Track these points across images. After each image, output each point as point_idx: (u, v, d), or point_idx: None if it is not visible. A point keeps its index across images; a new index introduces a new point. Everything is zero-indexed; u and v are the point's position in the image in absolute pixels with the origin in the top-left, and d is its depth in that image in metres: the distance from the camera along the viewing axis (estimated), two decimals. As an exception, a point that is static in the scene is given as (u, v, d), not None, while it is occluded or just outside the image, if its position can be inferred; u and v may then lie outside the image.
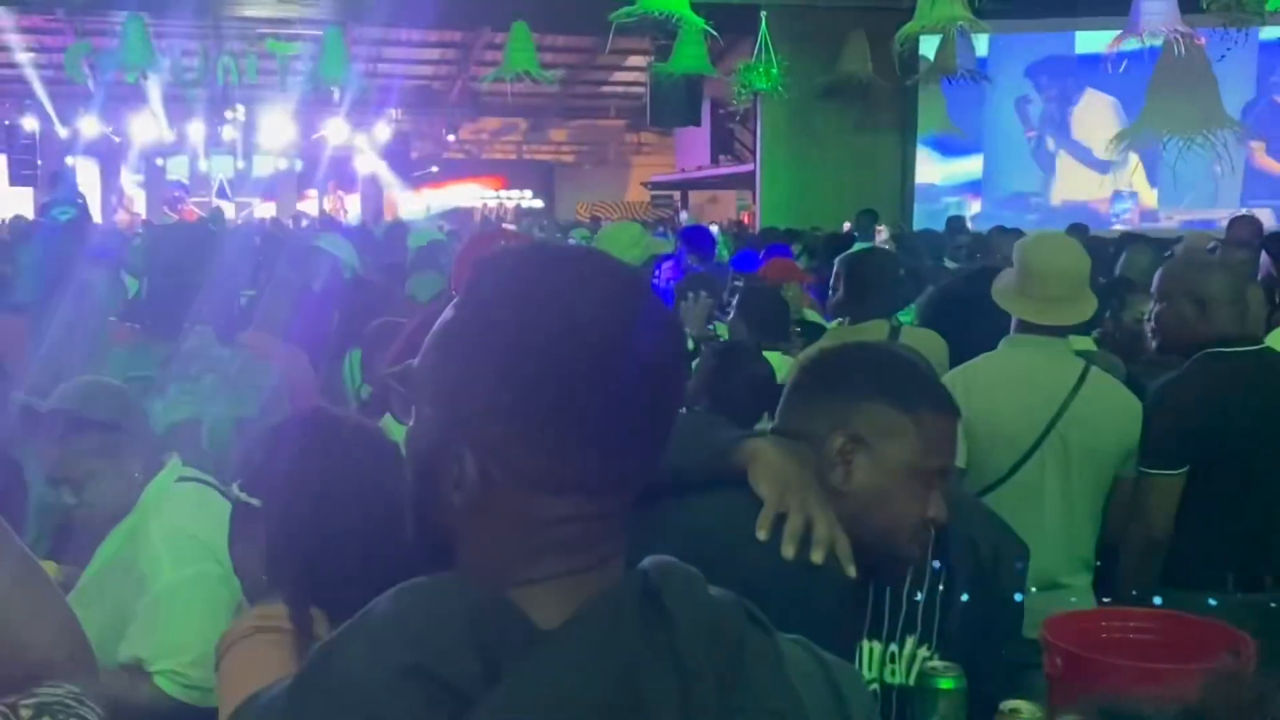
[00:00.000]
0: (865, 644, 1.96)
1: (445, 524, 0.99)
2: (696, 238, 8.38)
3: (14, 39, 17.80)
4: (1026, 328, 3.25)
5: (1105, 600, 3.02)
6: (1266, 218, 10.49)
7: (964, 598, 1.93)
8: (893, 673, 1.91)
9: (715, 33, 9.46)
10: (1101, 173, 13.83)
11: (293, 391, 3.83)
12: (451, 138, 23.35)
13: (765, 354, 4.03)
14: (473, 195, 24.90)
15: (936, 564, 1.95)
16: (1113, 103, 13.14)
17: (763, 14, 10.84)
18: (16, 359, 3.51)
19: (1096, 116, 13.38)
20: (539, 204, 25.65)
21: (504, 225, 16.28)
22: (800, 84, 11.89)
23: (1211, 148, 9.96)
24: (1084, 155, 13.86)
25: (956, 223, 11.03)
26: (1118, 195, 13.98)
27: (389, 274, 7.17)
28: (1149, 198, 13.90)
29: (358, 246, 8.79)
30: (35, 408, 2.50)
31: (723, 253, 9.95)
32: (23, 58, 18.76)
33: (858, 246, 6.66)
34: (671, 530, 1.53)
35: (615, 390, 0.93)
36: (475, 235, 2.63)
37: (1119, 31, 8.89)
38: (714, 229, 12.46)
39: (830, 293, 4.52)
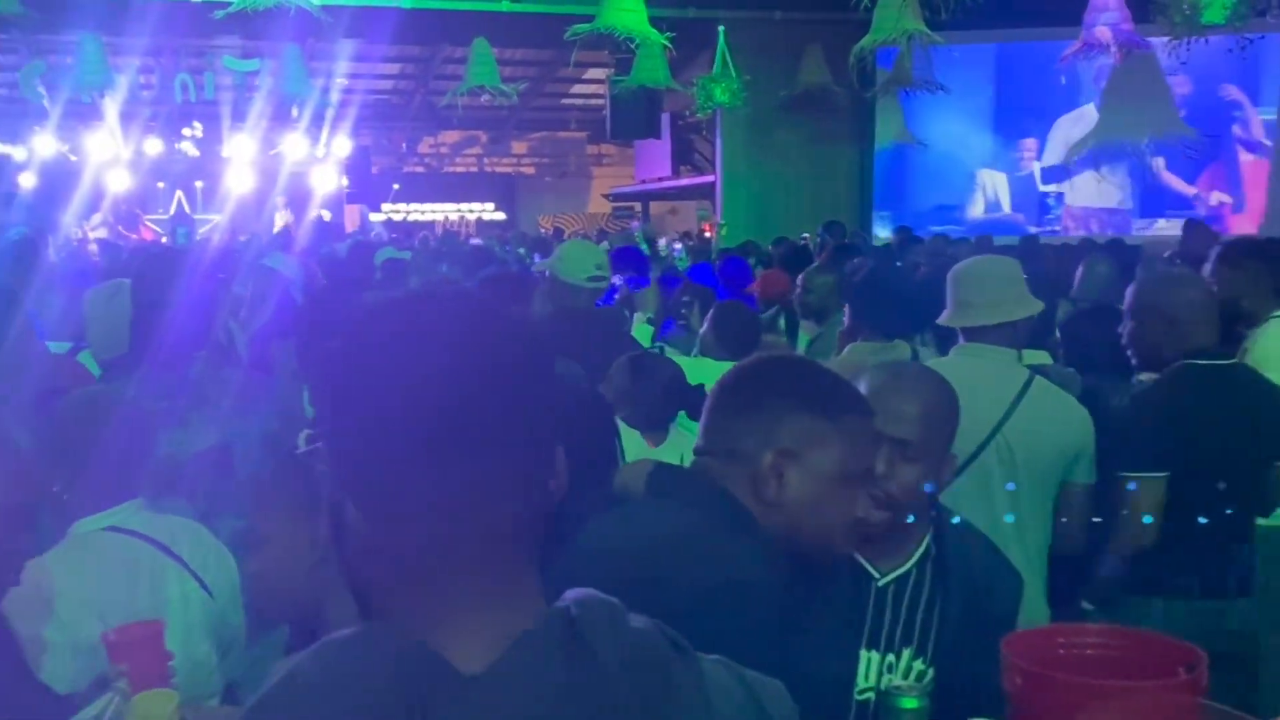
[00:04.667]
0: (864, 653, 2.01)
1: (350, 576, 1.03)
2: (625, 258, 8.41)
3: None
4: (970, 335, 3.35)
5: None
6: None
7: (958, 616, 1.98)
8: (888, 682, 1.96)
9: (672, 48, 9.50)
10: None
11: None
12: (417, 151, 23.31)
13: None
14: (434, 210, 24.86)
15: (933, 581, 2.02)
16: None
17: (720, 28, 10.91)
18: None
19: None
20: (501, 216, 25.62)
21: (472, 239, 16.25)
22: (759, 96, 11.98)
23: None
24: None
25: (904, 233, 11.11)
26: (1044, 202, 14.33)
27: (354, 291, 7.16)
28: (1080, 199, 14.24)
29: (322, 264, 8.79)
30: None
31: (684, 264, 10.02)
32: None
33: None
34: (607, 551, 1.56)
35: (436, 413, 0.95)
36: None
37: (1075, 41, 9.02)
38: (678, 246, 12.52)
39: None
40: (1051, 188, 14.25)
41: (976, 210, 14.40)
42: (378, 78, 20.24)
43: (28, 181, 19.51)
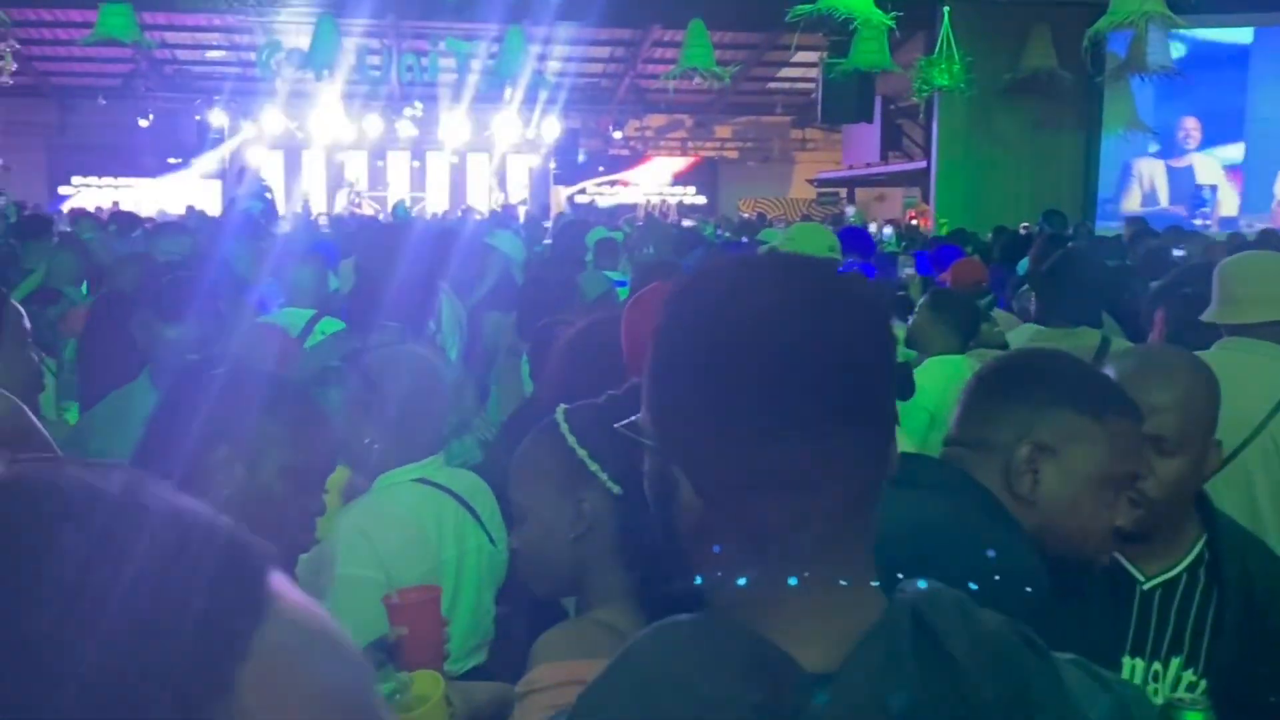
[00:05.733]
0: (1127, 660, 1.90)
1: (692, 557, 0.98)
2: (854, 239, 8.30)
3: (207, 37, 18.67)
4: (1235, 331, 3.17)
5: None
6: None
7: (1235, 626, 1.85)
8: (1155, 692, 1.85)
9: (897, 30, 9.30)
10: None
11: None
12: (618, 135, 23.55)
13: (949, 360, 3.97)
14: (637, 193, 25.09)
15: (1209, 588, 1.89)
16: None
17: (945, 9, 10.61)
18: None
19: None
20: (702, 200, 25.66)
21: (679, 221, 16.31)
22: (979, 80, 11.61)
23: None
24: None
25: (1137, 225, 10.63)
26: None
27: (569, 270, 7.28)
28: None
29: (529, 243, 8.98)
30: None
31: (890, 248, 9.84)
32: (213, 55, 19.67)
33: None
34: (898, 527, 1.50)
35: (802, 380, 0.90)
36: (644, 292, 2.59)
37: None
38: (888, 230, 12.28)
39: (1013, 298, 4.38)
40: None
41: (1132, 203, 13.66)
42: (587, 61, 20.52)
43: (257, 158, 20.57)
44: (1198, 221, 12.99)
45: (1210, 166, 13.83)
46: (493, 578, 2.62)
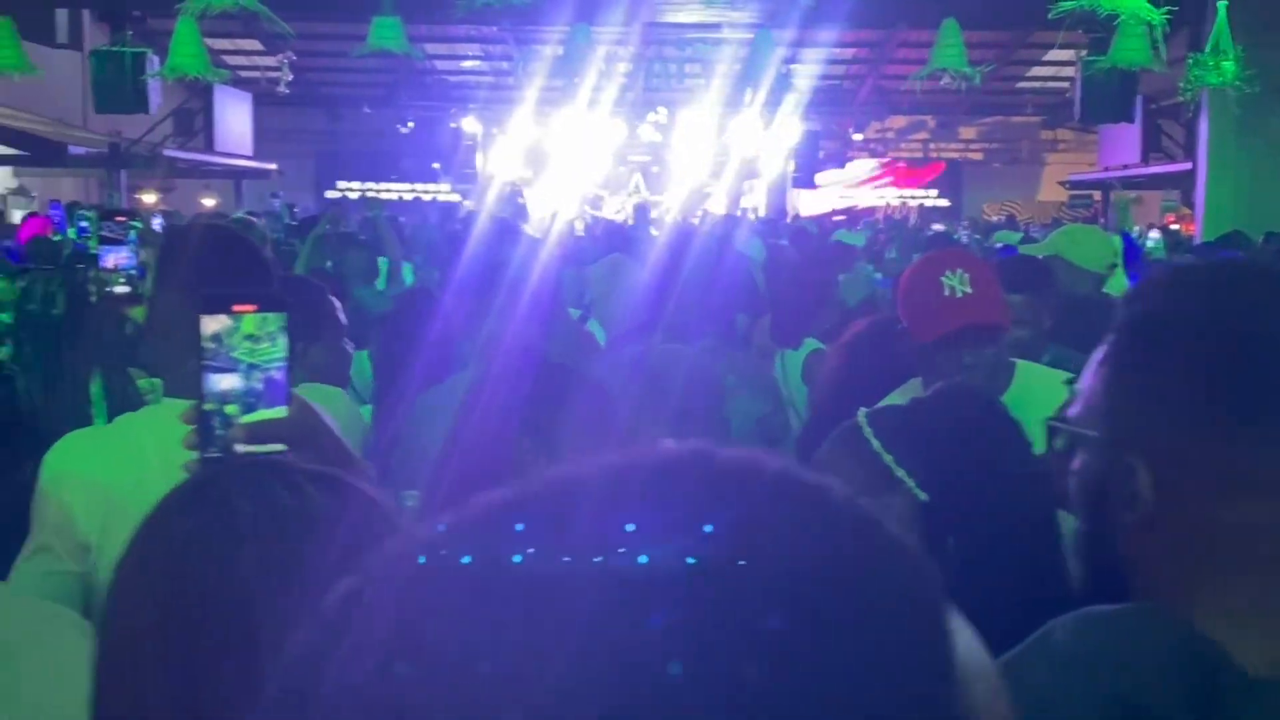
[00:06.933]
0: None
1: (1119, 553, 0.96)
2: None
3: (464, 47, 19.48)
4: None
5: None
6: None
7: None
8: None
9: (1168, 25, 8.84)
10: None
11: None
12: (858, 137, 23.29)
13: None
14: (873, 195, 24.75)
15: None
16: None
17: (1221, 2, 10.01)
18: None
19: None
20: (944, 203, 25.09)
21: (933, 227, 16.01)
22: (1255, 77, 10.91)
23: None
24: None
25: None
26: None
27: (814, 272, 7.25)
28: None
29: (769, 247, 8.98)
30: None
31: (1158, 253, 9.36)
32: (468, 64, 20.52)
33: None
34: None
35: None
36: (924, 259, 2.57)
37: None
38: (1154, 234, 11.70)
39: None
40: None
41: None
42: (830, 63, 20.36)
43: (508, 164, 21.29)
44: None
45: None
46: None
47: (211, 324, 1.17)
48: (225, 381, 1.18)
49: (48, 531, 1.96)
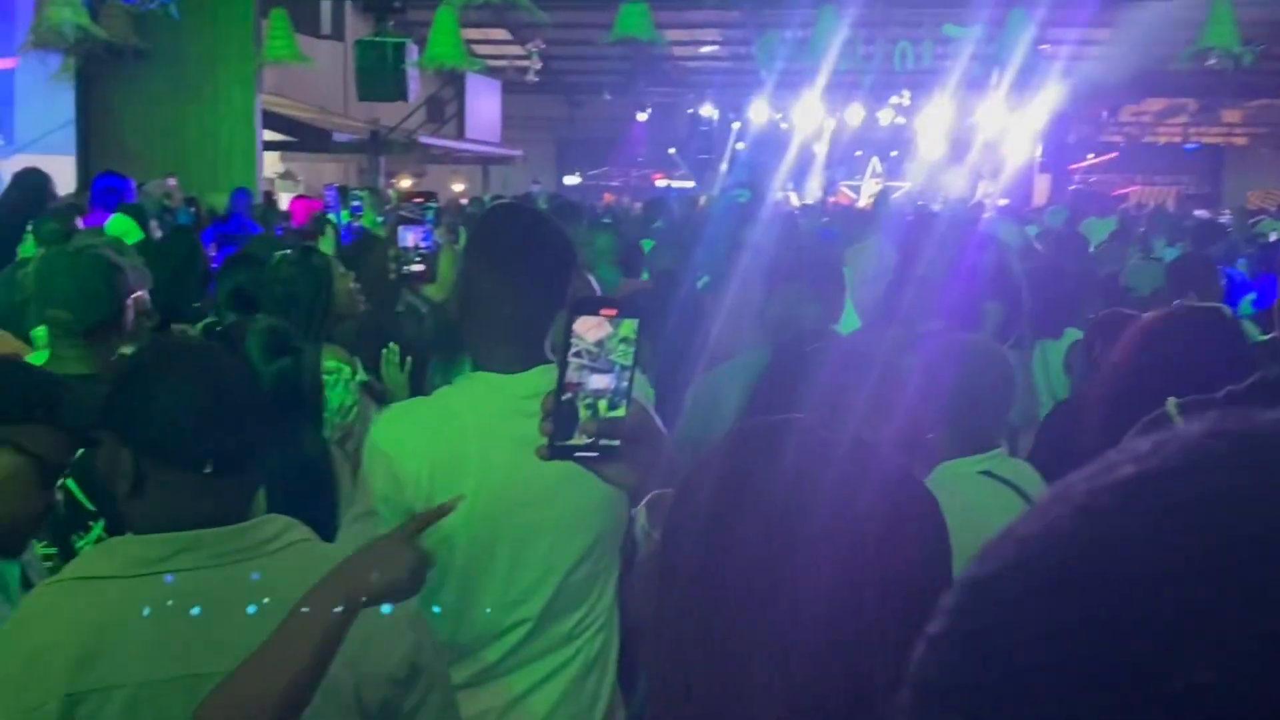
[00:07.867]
0: None
1: None
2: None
3: (704, 33, 19.57)
4: None
5: None
6: None
7: None
8: None
9: None
10: None
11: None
12: (1117, 119, 22.25)
13: None
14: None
15: None
16: None
17: None
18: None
19: None
20: (1204, 190, 23.71)
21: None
22: None
23: None
24: None
25: None
26: None
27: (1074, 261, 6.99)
28: None
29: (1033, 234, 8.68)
30: None
31: None
32: (706, 50, 20.60)
33: None
34: None
35: None
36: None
37: None
38: None
39: None
40: None
41: None
42: (1082, 44, 19.48)
43: (744, 147, 21.30)
44: None
45: None
46: None
47: (587, 325, 1.26)
48: (597, 380, 1.27)
49: (376, 498, 2.09)
